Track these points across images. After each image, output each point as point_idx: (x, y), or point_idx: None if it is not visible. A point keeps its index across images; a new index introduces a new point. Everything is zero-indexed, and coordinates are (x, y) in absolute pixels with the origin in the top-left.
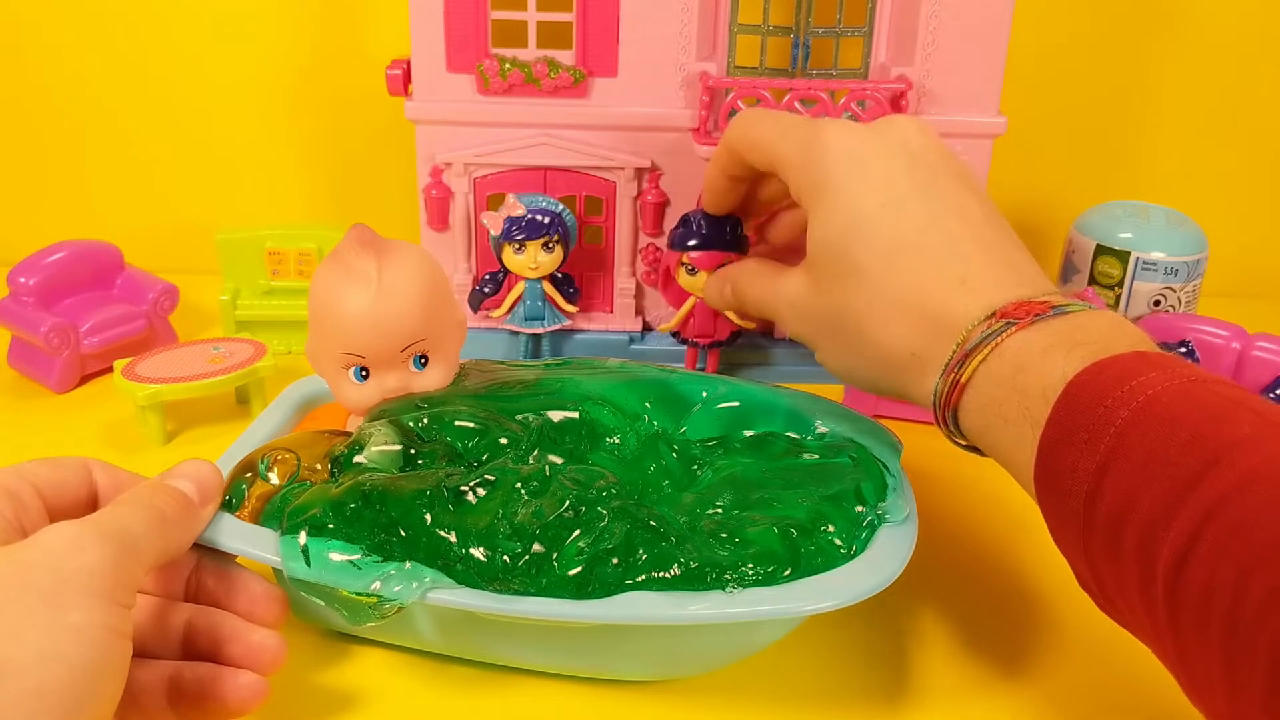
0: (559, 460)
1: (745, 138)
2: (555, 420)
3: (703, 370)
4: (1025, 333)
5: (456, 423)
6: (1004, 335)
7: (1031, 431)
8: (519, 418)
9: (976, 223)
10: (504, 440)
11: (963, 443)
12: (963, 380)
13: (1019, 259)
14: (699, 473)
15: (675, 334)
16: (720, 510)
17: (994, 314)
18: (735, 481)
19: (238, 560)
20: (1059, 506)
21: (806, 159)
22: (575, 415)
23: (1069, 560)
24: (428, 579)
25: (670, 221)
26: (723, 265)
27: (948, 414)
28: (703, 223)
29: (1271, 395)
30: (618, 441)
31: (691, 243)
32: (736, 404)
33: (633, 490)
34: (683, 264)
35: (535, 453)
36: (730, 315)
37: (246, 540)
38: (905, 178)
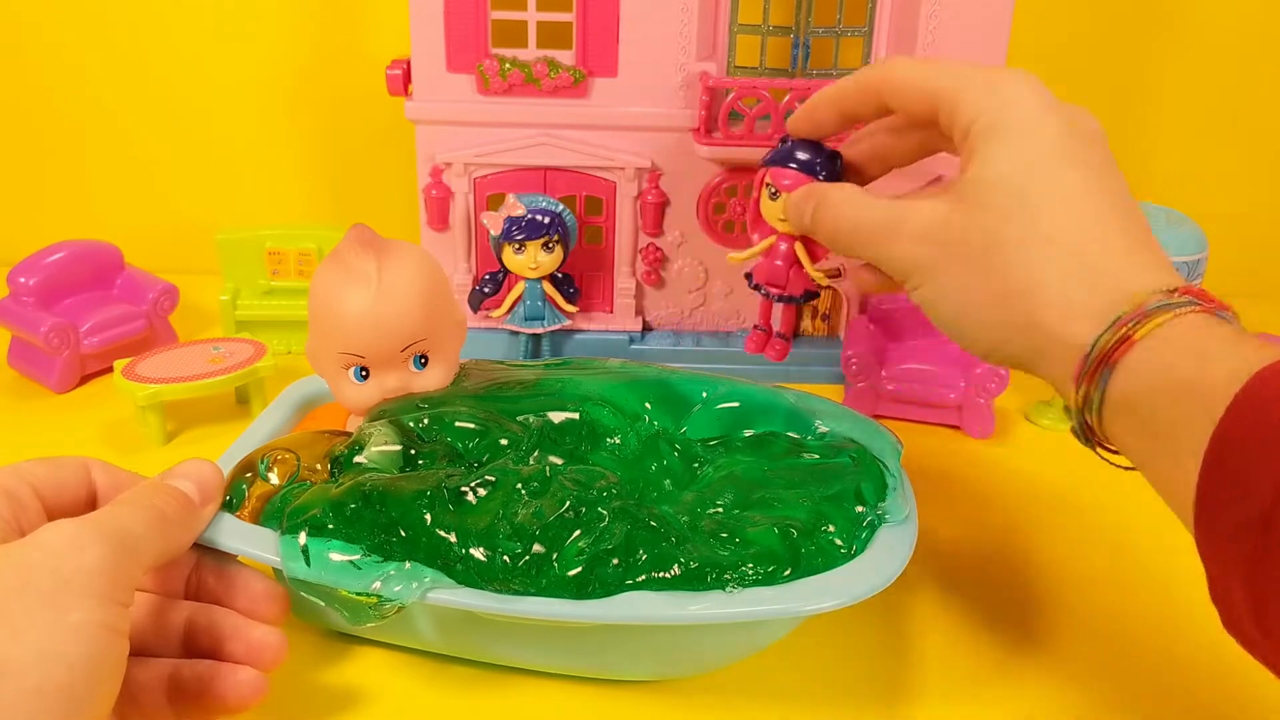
0: (559, 461)
1: (899, 75)
2: (555, 421)
3: (779, 333)
4: (1209, 317)
5: (457, 424)
6: (1187, 309)
7: (1205, 417)
8: (519, 419)
9: (1140, 217)
10: (504, 441)
11: (1078, 421)
12: (1136, 337)
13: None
14: (700, 470)
15: (749, 277)
16: (721, 510)
17: (1176, 290)
18: (736, 481)
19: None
20: (1228, 506)
21: (988, 96)
22: (575, 416)
23: (1212, 567)
24: (428, 579)
25: (671, 221)
26: None
27: (1101, 369)
28: (809, 148)
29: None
30: (618, 442)
31: (793, 164)
32: (736, 404)
33: (634, 489)
34: (766, 185)
35: (535, 454)
36: (807, 266)
37: (247, 540)
38: (1085, 149)
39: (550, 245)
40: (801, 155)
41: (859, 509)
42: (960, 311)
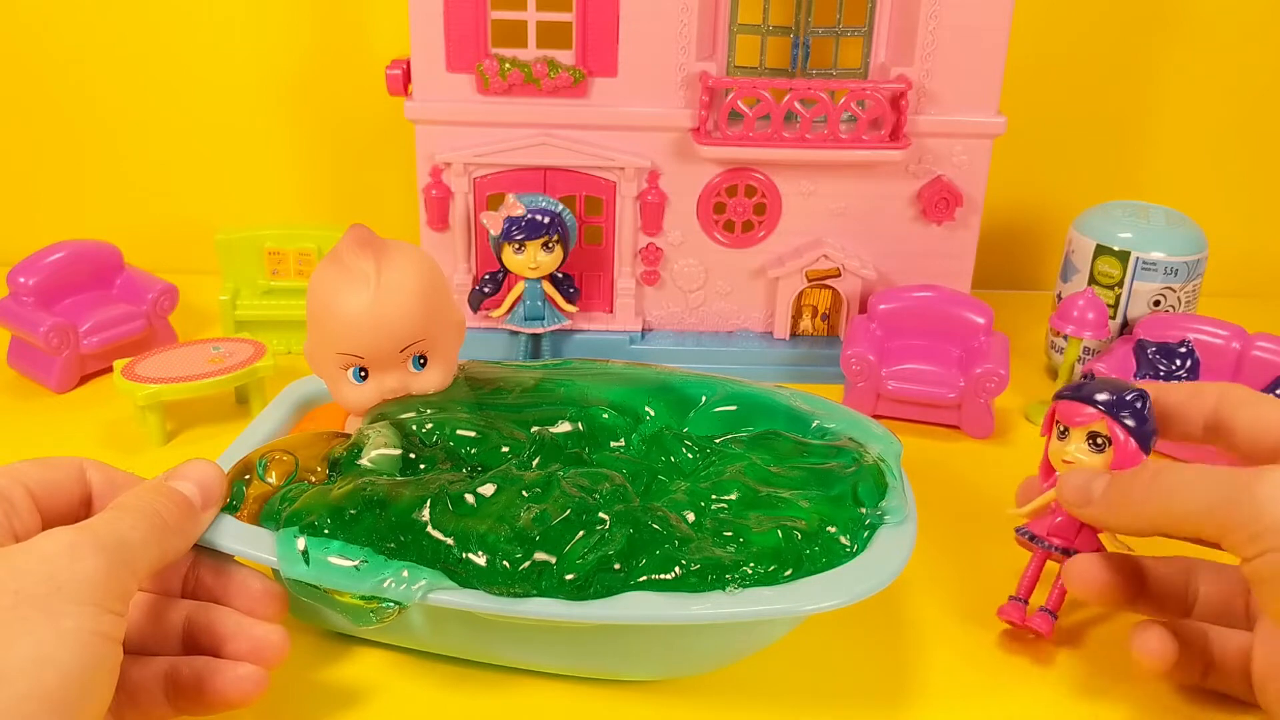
0: (560, 467)
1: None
2: (557, 430)
3: (1046, 608)
4: None
5: (458, 430)
6: None
7: None
8: (521, 426)
9: None
10: (505, 449)
11: None
12: None
13: None
14: (703, 463)
15: (1023, 529)
16: (725, 507)
17: None
18: (740, 478)
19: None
20: None
21: None
22: (578, 424)
23: None
24: (427, 581)
25: (671, 221)
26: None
27: None
28: (1116, 385)
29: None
30: (622, 444)
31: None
32: (736, 406)
33: (639, 483)
34: (1057, 422)
35: (537, 460)
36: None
37: (246, 542)
38: None
39: (550, 245)
40: (1108, 392)
41: (859, 509)
42: None
